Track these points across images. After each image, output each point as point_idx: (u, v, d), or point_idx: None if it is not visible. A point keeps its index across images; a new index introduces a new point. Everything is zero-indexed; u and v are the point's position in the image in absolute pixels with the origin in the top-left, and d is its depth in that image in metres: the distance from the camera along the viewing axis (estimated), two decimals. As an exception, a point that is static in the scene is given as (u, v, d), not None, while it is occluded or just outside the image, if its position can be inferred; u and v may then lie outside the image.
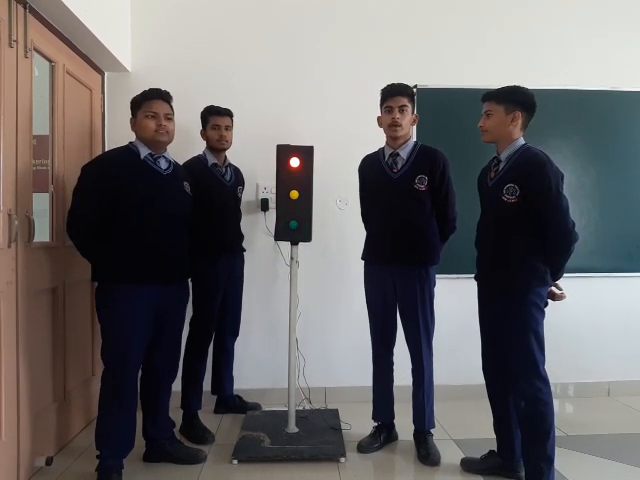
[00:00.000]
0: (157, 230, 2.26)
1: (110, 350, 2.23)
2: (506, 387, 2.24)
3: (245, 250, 3.06)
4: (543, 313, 2.16)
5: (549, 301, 2.21)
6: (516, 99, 2.17)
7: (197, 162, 2.84)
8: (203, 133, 2.92)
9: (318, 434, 2.68)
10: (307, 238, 2.62)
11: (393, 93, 2.50)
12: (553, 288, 2.22)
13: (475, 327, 2.37)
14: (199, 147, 2.95)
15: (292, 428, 2.70)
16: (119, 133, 2.97)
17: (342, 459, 2.50)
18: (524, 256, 2.13)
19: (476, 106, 2.29)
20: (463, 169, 2.76)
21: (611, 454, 2.58)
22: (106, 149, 3.11)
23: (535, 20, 3.43)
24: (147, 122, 2.27)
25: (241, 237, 3.03)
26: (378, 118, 2.60)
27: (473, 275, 2.35)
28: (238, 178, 3.02)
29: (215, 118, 2.86)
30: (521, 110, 2.17)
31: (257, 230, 3.32)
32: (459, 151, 3.14)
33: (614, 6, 3.48)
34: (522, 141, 2.20)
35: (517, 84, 2.21)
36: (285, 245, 2.89)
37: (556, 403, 2.18)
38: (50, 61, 2.54)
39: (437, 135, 3.25)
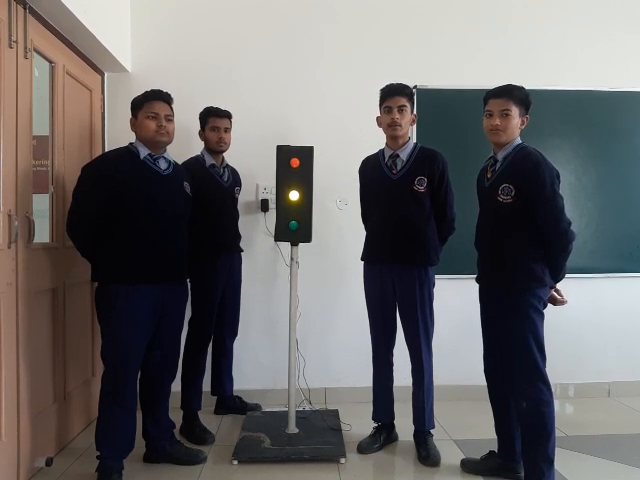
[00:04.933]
0: (156, 230, 2.26)
1: (110, 350, 2.24)
2: (507, 388, 2.24)
3: (243, 250, 3.06)
4: (542, 315, 2.15)
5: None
6: (528, 104, 2.18)
7: (195, 162, 2.84)
8: (202, 134, 2.92)
9: (318, 435, 2.68)
10: (307, 239, 2.61)
11: (392, 93, 2.51)
12: (554, 293, 2.22)
13: (475, 328, 2.37)
14: (198, 147, 2.95)
15: (292, 429, 2.70)
16: (119, 133, 2.97)
17: (342, 460, 2.50)
18: (521, 257, 2.13)
19: (476, 106, 2.29)
20: (463, 169, 2.77)
21: (611, 455, 2.57)
22: (106, 149, 3.11)
23: (535, 20, 3.42)
24: (148, 122, 2.27)
25: (239, 237, 3.03)
26: (377, 118, 2.60)
27: (473, 275, 2.35)
28: (235, 179, 3.03)
29: (214, 120, 2.86)
30: (528, 114, 2.19)
31: (257, 230, 3.32)
32: (459, 151, 3.15)
33: (615, 7, 3.47)
34: (518, 140, 2.21)
35: (517, 84, 2.21)
36: (285, 245, 2.88)
37: (556, 403, 2.18)
38: (50, 62, 2.54)
39: (437, 135, 3.25)
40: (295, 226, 2.59)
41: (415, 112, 2.64)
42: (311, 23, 3.34)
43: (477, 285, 2.34)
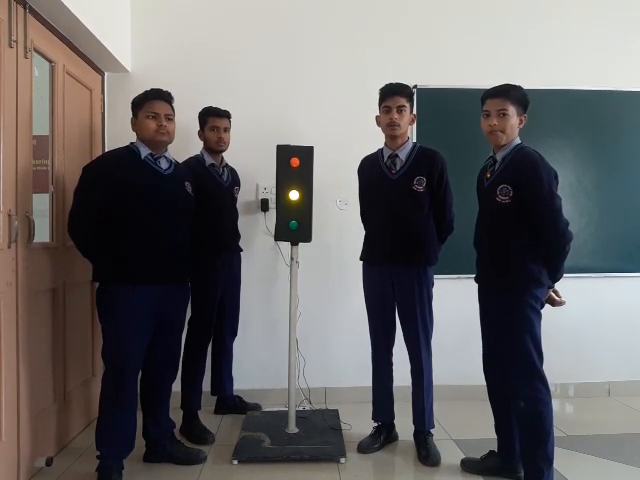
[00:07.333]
0: (157, 230, 2.26)
1: (110, 350, 2.24)
2: (507, 387, 2.24)
3: (242, 250, 3.06)
4: (539, 314, 2.15)
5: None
6: (526, 103, 2.18)
7: (195, 162, 2.84)
8: (201, 134, 2.92)
9: (318, 434, 2.68)
10: (307, 238, 2.62)
11: (391, 93, 2.51)
12: (552, 294, 2.22)
13: (474, 328, 2.37)
14: (198, 147, 2.95)
15: (292, 428, 2.70)
16: (119, 133, 2.97)
17: (342, 459, 2.50)
18: (519, 257, 2.13)
19: (476, 106, 2.28)
20: (462, 169, 2.77)
21: (611, 454, 2.58)
22: (106, 149, 3.11)
23: (535, 20, 3.42)
24: (148, 122, 2.27)
25: (238, 236, 3.04)
26: (376, 118, 2.60)
27: (472, 275, 2.35)
28: (234, 178, 3.03)
29: (213, 119, 2.86)
30: (525, 114, 2.19)
31: (257, 230, 3.32)
32: (458, 151, 3.15)
33: (614, 6, 3.48)
34: (517, 140, 2.21)
35: (514, 83, 2.21)
36: (285, 245, 2.89)
37: (556, 403, 2.18)
38: (50, 61, 2.54)
39: (437, 135, 3.25)
40: (295, 226, 2.59)
41: (415, 112, 2.64)
42: (310, 23, 3.34)
43: (476, 285, 2.34)
